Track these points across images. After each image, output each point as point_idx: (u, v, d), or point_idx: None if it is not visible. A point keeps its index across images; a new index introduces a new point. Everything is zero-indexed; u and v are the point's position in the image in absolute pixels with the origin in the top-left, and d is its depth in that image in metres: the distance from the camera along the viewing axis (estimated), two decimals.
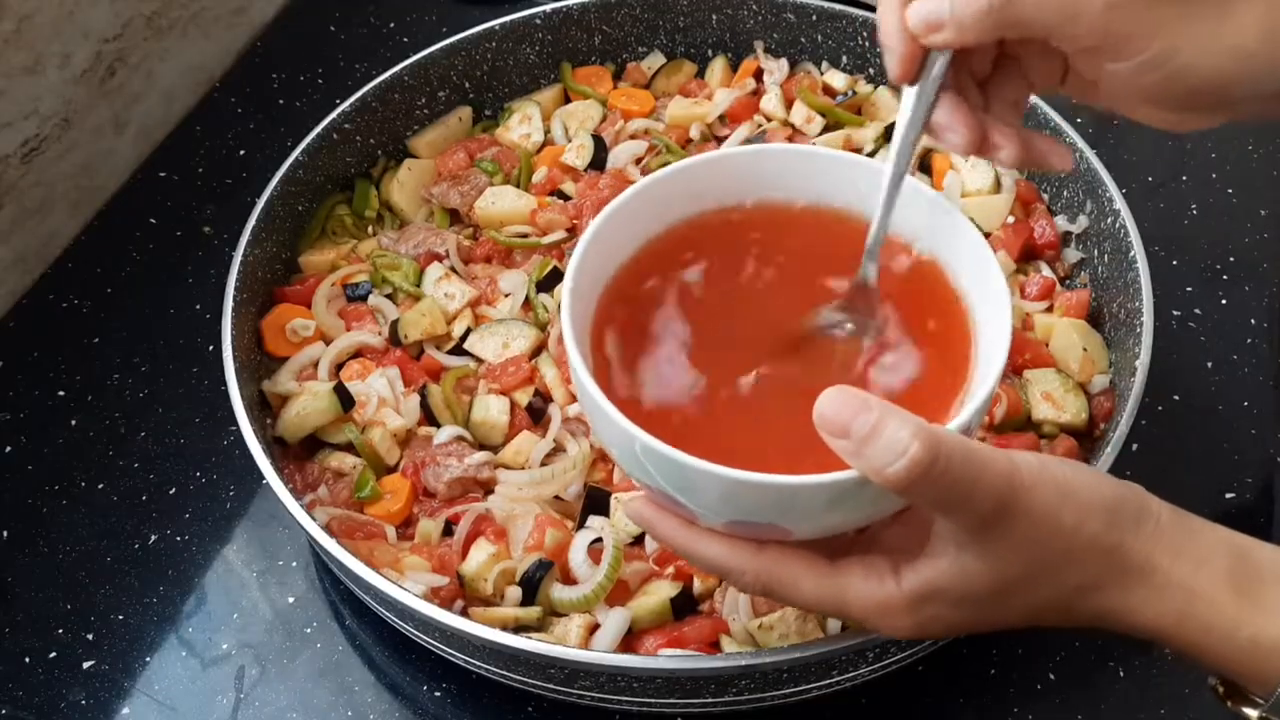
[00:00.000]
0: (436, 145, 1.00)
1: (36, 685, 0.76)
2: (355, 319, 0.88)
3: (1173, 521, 0.55)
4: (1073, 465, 0.55)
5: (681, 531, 0.57)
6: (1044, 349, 0.83)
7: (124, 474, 0.87)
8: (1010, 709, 0.73)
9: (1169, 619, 0.54)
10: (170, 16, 1.09)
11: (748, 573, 0.56)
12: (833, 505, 0.53)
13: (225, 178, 1.07)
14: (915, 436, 0.48)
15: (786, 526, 0.55)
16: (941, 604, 0.54)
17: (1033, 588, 0.54)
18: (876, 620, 0.55)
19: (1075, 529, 0.53)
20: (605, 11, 1.03)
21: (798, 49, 1.04)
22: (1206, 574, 0.54)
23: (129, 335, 0.95)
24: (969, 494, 0.50)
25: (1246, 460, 0.84)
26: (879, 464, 0.49)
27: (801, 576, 0.56)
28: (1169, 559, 0.54)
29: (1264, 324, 0.92)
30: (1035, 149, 0.61)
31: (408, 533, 0.77)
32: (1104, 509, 0.54)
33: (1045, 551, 0.53)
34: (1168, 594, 0.54)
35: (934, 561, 0.54)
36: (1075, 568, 0.53)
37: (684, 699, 0.68)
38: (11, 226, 0.97)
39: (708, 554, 0.57)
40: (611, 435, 0.55)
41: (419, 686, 0.76)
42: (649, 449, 0.53)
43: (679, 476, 0.53)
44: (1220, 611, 0.53)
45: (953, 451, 0.49)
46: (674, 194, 0.64)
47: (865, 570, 0.55)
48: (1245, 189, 1.02)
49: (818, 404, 0.50)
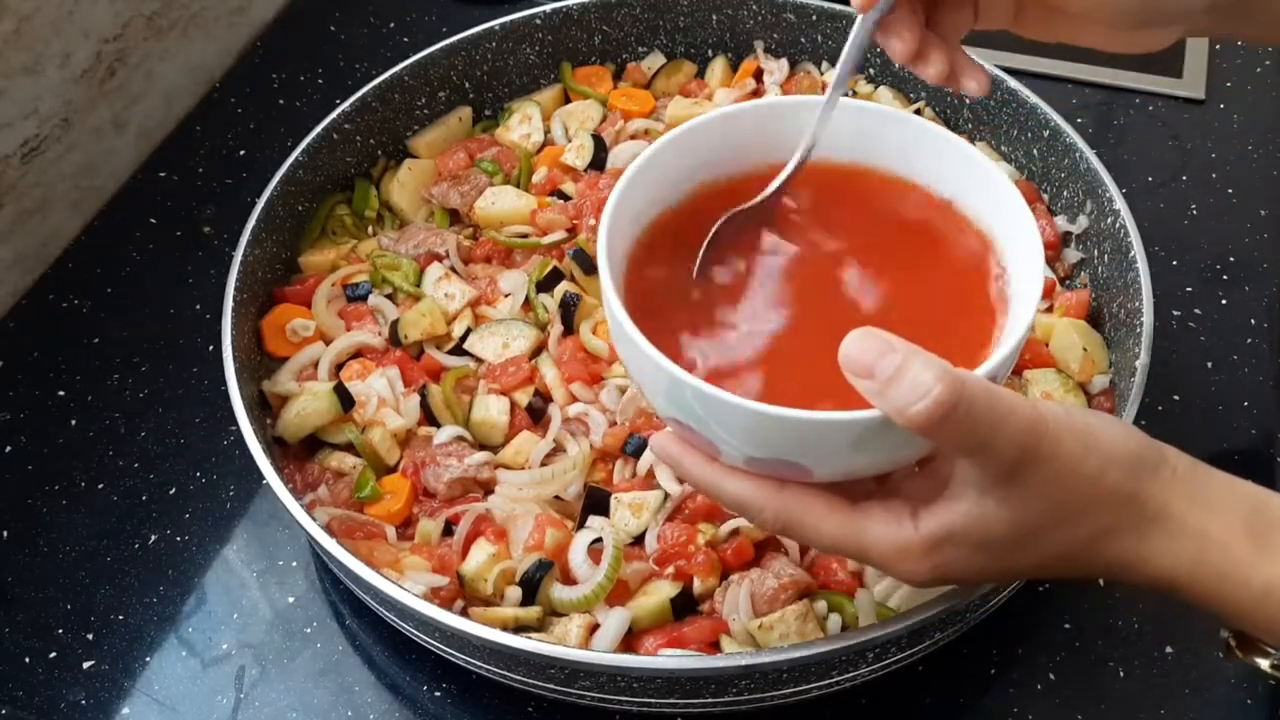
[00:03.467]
0: (436, 145, 1.00)
1: (36, 685, 0.76)
2: (355, 319, 0.88)
3: (1190, 470, 0.55)
4: (1098, 415, 0.55)
5: (705, 468, 0.57)
6: (1044, 349, 0.83)
7: (124, 474, 0.87)
8: (1010, 709, 0.73)
9: (1183, 566, 0.54)
10: (170, 16, 1.09)
11: (767, 509, 0.56)
12: (855, 445, 0.53)
13: (225, 178, 1.07)
14: (939, 379, 0.48)
15: (807, 465, 0.55)
16: (959, 547, 0.54)
17: (1049, 535, 0.54)
18: (894, 562, 0.55)
19: (1097, 477, 0.53)
20: (605, 11, 1.03)
21: (798, 49, 1.04)
22: (1222, 521, 0.54)
23: (129, 335, 0.95)
24: (992, 438, 0.50)
25: (1246, 460, 0.84)
26: (902, 404, 0.49)
27: (822, 516, 0.55)
28: (1184, 505, 0.54)
29: (1264, 324, 0.92)
30: (957, 69, 0.63)
31: (408, 533, 0.77)
32: (1126, 459, 0.54)
33: (1066, 498, 0.53)
34: (1182, 540, 0.54)
35: (953, 504, 0.54)
36: (1092, 515, 0.53)
37: (684, 699, 0.68)
38: (11, 226, 0.97)
39: (730, 490, 0.57)
40: (642, 368, 0.56)
41: (419, 686, 0.76)
42: (677, 381, 0.53)
43: (705, 409, 0.53)
44: (1234, 559, 0.53)
45: (976, 395, 0.49)
46: (718, 143, 0.65)
47: (885, 513, 0.55)
48: (1245, 189, 1.02)
49: (843, 345, 0.50)
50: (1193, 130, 1.08)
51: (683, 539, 0.73)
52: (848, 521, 0.55)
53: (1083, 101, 1.11)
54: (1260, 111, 1.09)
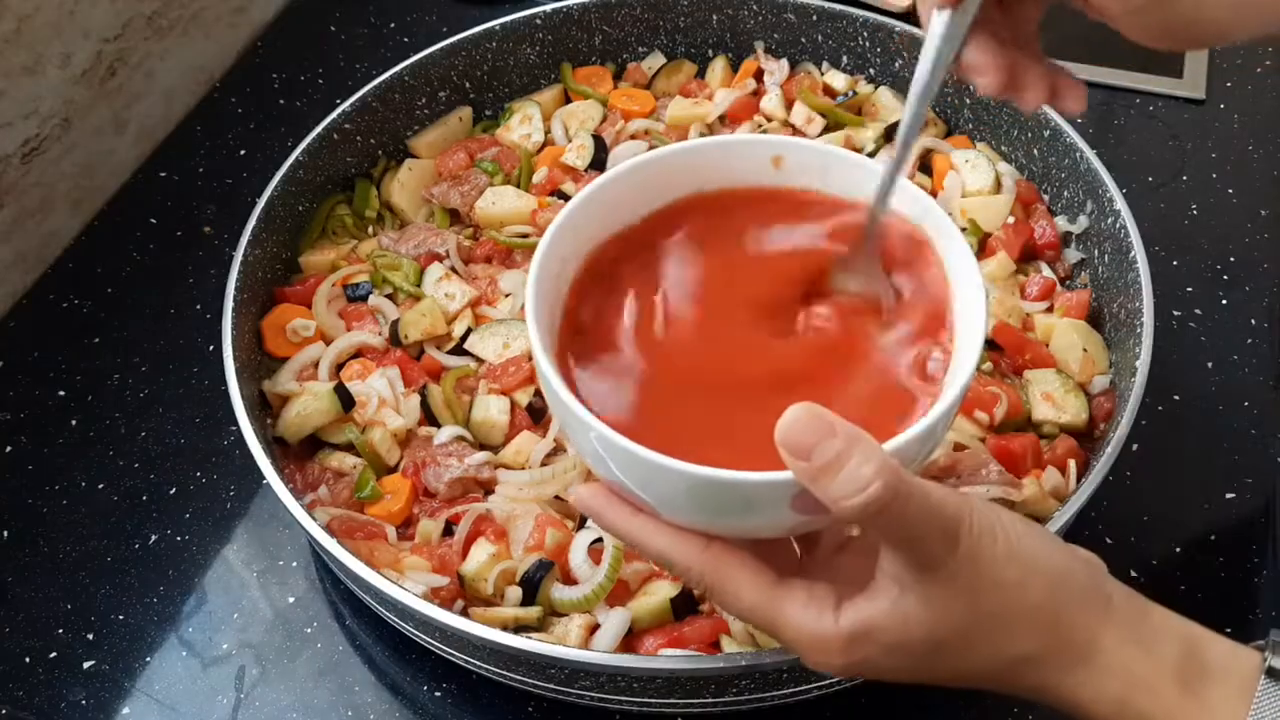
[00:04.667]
0: (437, 145, 1.00)
1: (36, 685, 0.76)
2: (355, 319, 0.88)
3: (1125, 603, 0.54)
4: (1028, 525, 0.53)
5: (630, 521, 0.56)
6: (1044, 349, 0.83)
7: (124, 474, 0.87)
8: (1010, 709, 0.73)
9: (1108, 706, 0.52)
10: (170, 16, 1.09)
11: (693, 568, 0.55)
12: (748, 507, 0.52)
13: (225, 178, 1.07)
14: (879, 474, 0.47)
15: (747, 523, 0.53)
16: (875, 647, 0.53)
17: (968, 648, 0.53)
18: (808, 652, 0.54)
19: (1017, 590, 0.51)
20: (605, 11, 1.03)
21: (798, 49, 1.04)
22: (1152, 663, 0.52)
23: (129, 335, 0.95)
24: (920, 532, 0.49)
25: (1246, 460, 0.84)
26: (836, 495, 0.47)
27: (743, 585, 0.54)
28: (1115, 641, 0.52)
29: (1264, 324, 0.92)
30: (1058, 89, 0.61)
31: (408, 533, 0.77)
32: (1050, 575, 0.52)
33: (985, 606, 0.51)
34: (1109, 677, 0.52)
35: (875, 601, 0.52)
36: (1014, 635, 0.52)
37: (684, 699, 0.68)
38: (11, 226, 0.97)
39: (655, 545, 0.55)
40: (566, 421, 0.55)
41: (419, 686, 0.76)
42: (597, 435, 0.52)
43: (619, 465, 0.52)
44: (1162, 705, 0.52)
45: (912, 492, 0.48)
46: (646, 181, 0.63)
47: (808, 597, 0.53)
48: (1245, 189, 1.02)
49: (780, 422, 0.48)
50: (1193, 130, 1.08)
51: None
52: (767, 596, 0.54)
53: None
54: (1260, 111, 1.09)
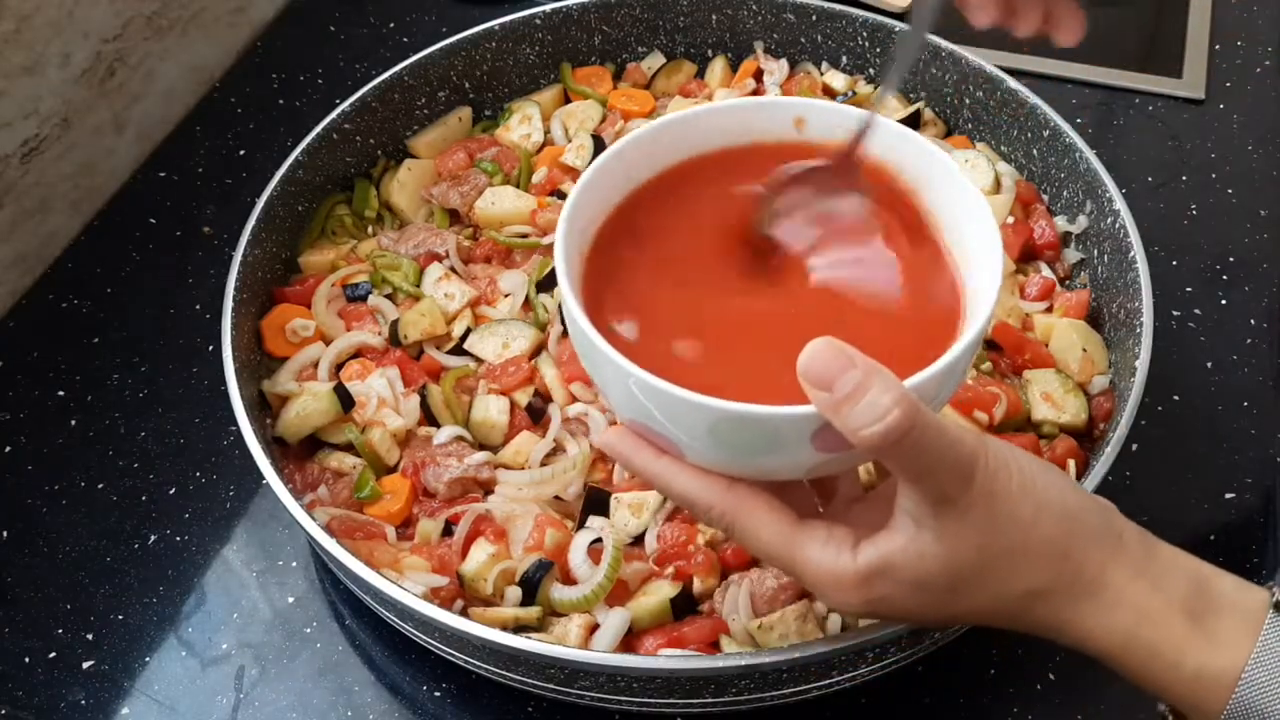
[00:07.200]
0: (436, 145, 1.00)
1: (36, 685, 0.76)
2: (355, 319, 0.88)
3: (1136, 541, 0.55)
4: (1042, 464, 0.55)
5: (655, 463, 0.57)
6: (1044, 349, 0.83)
7: (124, 474, 0.87)
8: (1010, 709, 0.73)
9: (1116, 637, 0.53)
10: (170, 16, 1.10)
11: (715, 507, 0.56)
12: (815, 441, 0.52)
13: (225, 178, 1.07)
14: (897, 403, 0.48)
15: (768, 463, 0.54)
16: (893, 583, 0.54)
17: (983, 583, 0.53)
18: (827, 590, 0.55)
19: (1031, 523, 0.52)
20: (605, 11, 1.03)
21: (798, 49, 1.04)
22: (1161, 597, 0.53)
23: (129, 335, 0.95)
24: (936, 465, 0.50)
25: (1246, 460, 0.84)
26: (856, 424, 0.48)
27: (764, 524, 0.55)
28: (1125, 577, 0.53)
29: (1264, 324, 0.92)
30: (1053, 16, 0.62)
31: (408, 533, 0.77)
32: (1062, 511, 0.53)
33: (999, 541, 0.52)
34: (1118, 612, 0.53)
35: (892, 537, 0.53)
36: (1027, 569, 0.53)
37: (684, 699, 0.68)
38: (11, 226, 0.97)
39: (679, 485, 0.56)
40: (595, 363, 0.56)
41: (419, 686, 0.76)
42: (627, 374, 0.52)
43: (654, 404, 0.53)
44: (1169, 637, 0.52)
45: (929, 423, 0.49)
46: (661, 144, 0.65)
47: (827, 536, 0.55)
48: (1245, 189, 1.02)
49: (803, 355, 0.49)
50: (1193, 130, 1.08)
51: (682, 539, 0.73)
52: (787, 535, 0.55)
53: (1083, 101, 1.11)
54: (1260, 111, 1.09)
